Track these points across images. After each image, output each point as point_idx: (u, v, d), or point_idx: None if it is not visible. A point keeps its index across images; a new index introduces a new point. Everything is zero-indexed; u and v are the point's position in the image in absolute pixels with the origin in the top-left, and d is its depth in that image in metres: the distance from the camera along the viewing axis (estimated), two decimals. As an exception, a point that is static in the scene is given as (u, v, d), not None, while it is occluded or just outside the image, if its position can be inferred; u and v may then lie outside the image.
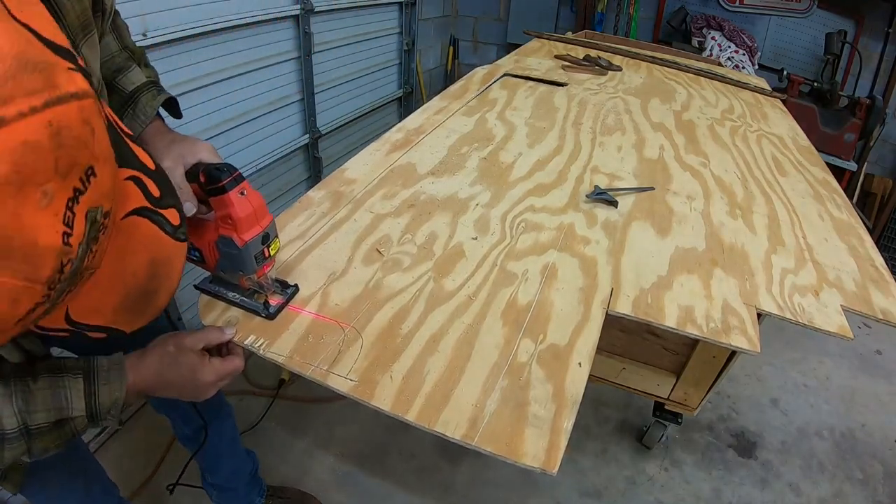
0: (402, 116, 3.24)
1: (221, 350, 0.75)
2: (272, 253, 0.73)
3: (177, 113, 0.84)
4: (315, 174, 2.62)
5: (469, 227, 1.04)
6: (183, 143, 0.74)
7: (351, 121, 2.83)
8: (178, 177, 0.69)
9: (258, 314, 0.79)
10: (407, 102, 3.40)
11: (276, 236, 0.74)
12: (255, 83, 2.09)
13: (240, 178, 0.68)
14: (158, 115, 0.78)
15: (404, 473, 1.66)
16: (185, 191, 0.70)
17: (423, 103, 1.67)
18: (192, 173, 0.70)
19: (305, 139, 2.48)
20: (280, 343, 0.75)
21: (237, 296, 0.80)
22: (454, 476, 1.66)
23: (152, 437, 1.69)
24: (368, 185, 1.16)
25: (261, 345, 0.74)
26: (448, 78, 4.01)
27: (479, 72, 1.99)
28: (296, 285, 0.84)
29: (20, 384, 0.58)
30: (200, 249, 0.75)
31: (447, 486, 1.63)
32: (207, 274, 0.83)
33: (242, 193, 0.68)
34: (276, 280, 0.82)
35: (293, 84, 2.33)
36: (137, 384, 0.65)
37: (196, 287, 0.84)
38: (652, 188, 1.26)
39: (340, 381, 0.70)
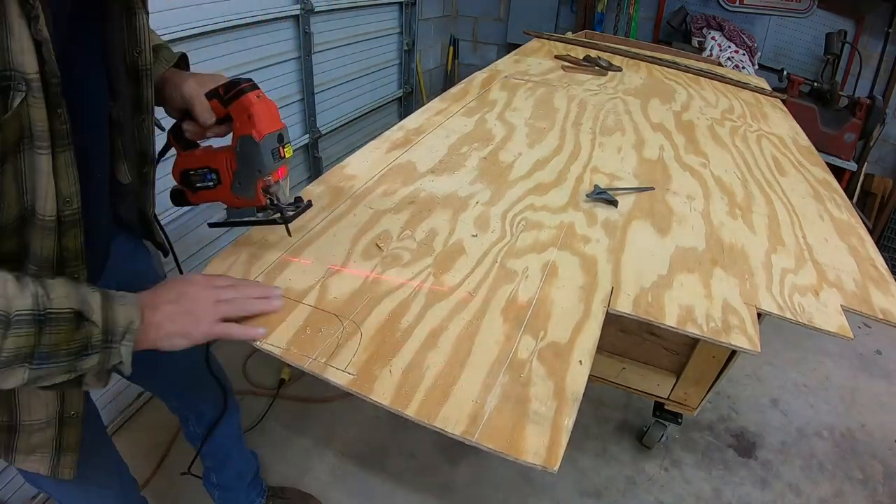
0: (402, 116, 3.25)
1: None
2: (286, 155, 0.78)
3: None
4: (315, 174, 2.62)
5: (469, 224, 1.04)
6: (204, 73, 0.83)
7: (351, 121, 2.84)
8: (200, 94, 0.77)
9: (275, 223, 0.82)
10: (407, 102, 3.40)
11: (290, 142, 0.78)
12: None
13: (255, 86, 0.75)
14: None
15: (404, 473, 1.66)
16: (205, 105, 0.77)
17: (423, 103, 1.68)
18: (211, 92, 0.77)
19: (305, 139, 2.49)
20: (277, 335, 0.75)
21: (253, 218, 0.83)
22: (454, 476, 1.66)
23: (154, 436, 1.69)
24: (368, 181, 1.16)
25: None
26: (448, 78, 4.02)
27: (479, 76, 1.99)
28: (309, 201, 0.86)
29: (36, 279, 0.56)
30: (217, 170, 0.80)
31: (447, 486, 1.63)
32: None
33: (259, 97, 0.74)
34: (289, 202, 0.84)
35: (293, 84, 2.33)
36: (147, 306, 0.65)
37: (210, 224, 0.87)
38: (652, 188, 1.26)
39: (339, 375, 0.70)
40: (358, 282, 0.86)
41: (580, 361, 0.74)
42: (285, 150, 0.77)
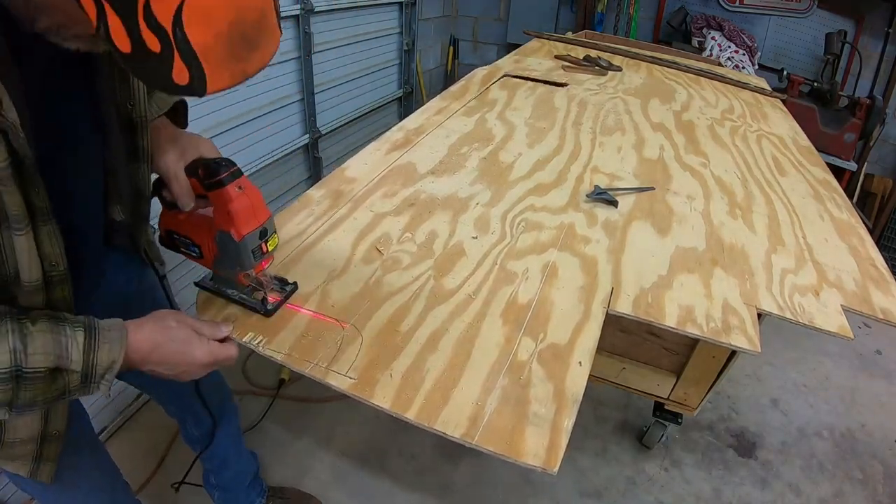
0: (402, 116, 3.25)
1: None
2: (270, 249, 0.74)
3: (183, 123, 0.85)
4: (315, 174, 2.62)
5: (469, 225, 1.04)
6: (185, 137, 0.76)
7: (351, 121, 2.83)
8: (178, 170, 0.71)
9: (256, 311, 0.79)
10: (407, 102, 3.40)
11: (275, 232, 0.74)
12: (255, 83, 2.09)
13: (238, 173, 0.69)
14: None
15: (404, 473, 1.66)
16: (183, 186, 0.71)
17: (423, 103, 1.67)
18: (191, 168, 0.71)
19: (305, 139, 2.48)
20: (279, 340, 0.75)
21: (236, 293, 0.80)
22: (454, 476, 1.66)
23: (152, 437, 1.69)
24: (368, 183, 1.16)
25: (259, 342, 0.74)
26: (448, 78, 4.01)
27: (479, 72, 1.99)
28: (295, 283, 0.84)
29: (16, 323, 0.55)
30: (199, 245, 0.76)
31: (447, 487, 1.63)
32: (208, 272, 0.83)
33: (240, 188, 0.68)
34: (275, 277, 0.82)
35: (293, 84, 2.33)
36: (133, 351, 0.63)
37: (196, 284, 0.84)
38: (652, 188, 1.26)
39: (340, 379, 0.70)
40: (359, 286, 0.86)
41: (580, 363, 0.74)
42: (269, 244, 0.73)
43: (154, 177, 0.79)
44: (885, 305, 0.94)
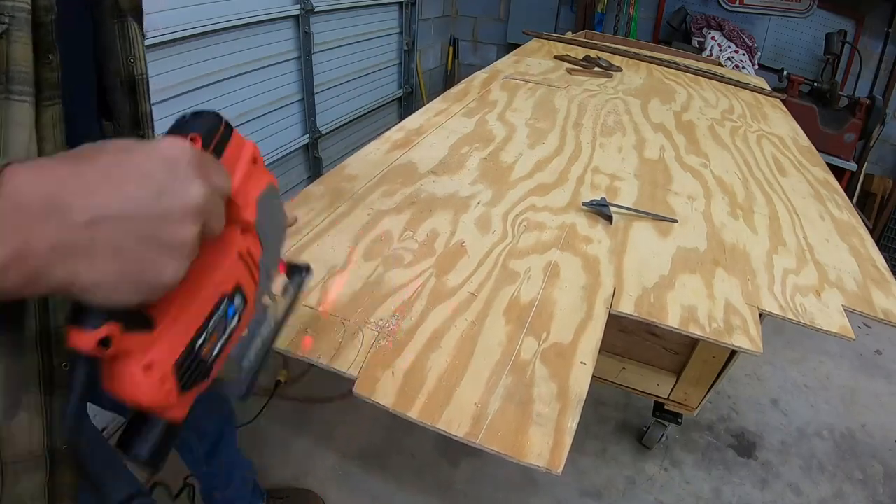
0: (402, 116, 3.25)
1: None
2: None
3: None
4: (315, 174, 2.62)
5: (470, 224, 1.04)
6: None
7: (351, 121, 2.84)
8: None
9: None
10: (407, 102, 3.40)
11: None
12: (255, 83, 2.09)
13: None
14: None
15: (405, 473, 1.66)
16: None
17: (424, 103, 1.68)
18: None
19: (305, 139, 2.49)
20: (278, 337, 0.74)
21: None
22: (454, 475, 1.66)
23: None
24: (369, 181, 1.16)
25: None
26: (448, 78, 4.01)
27: (480, 76, 1.99)
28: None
29: None
30: None
31: (447, 486, 1.63)
32: None
33: None
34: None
35: (293, 84, 2.33)
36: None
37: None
38: (675, 220, 1.14)
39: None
40: (359, 283, 0.86)
41: (583, 362, 0.74)
42: None
43: None
44: (886, 306, 0.94)
